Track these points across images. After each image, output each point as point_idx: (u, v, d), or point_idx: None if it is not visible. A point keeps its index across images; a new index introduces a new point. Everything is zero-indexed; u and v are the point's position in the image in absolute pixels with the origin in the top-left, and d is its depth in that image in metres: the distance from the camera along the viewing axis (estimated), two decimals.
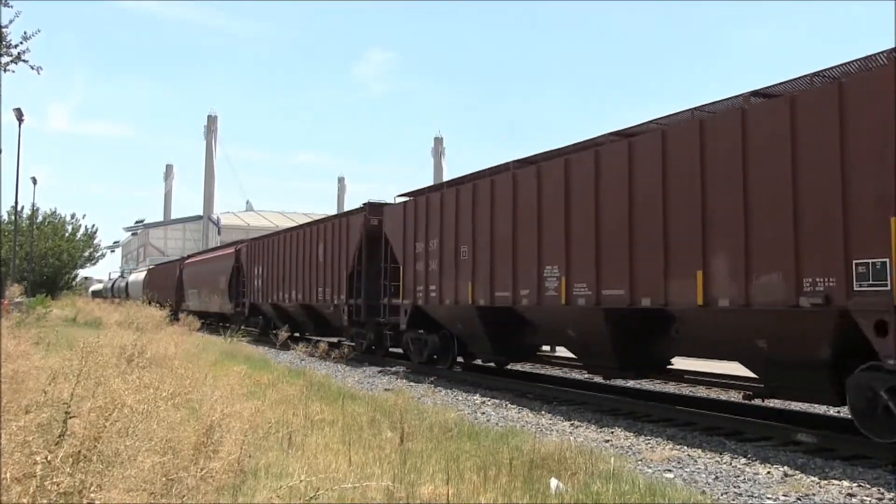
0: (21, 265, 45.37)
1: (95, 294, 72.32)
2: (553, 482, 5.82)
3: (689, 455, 7.88)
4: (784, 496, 6.22)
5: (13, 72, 11.94)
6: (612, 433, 9.15)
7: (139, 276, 52.63)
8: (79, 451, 4.11)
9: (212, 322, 32.44)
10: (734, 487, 6.51)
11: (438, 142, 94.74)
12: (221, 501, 4.70)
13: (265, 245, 26.19)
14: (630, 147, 9.91)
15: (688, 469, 7.21)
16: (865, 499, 6.21)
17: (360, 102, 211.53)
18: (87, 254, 61.89)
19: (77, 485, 3.82)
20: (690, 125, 9.07)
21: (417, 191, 16.40)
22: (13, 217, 42.63)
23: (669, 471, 7.10)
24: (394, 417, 8.23)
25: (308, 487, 4.61)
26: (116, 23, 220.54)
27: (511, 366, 15.96)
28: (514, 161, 12.73)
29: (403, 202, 16.31)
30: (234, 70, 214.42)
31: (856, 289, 7.13)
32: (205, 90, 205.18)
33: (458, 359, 15.73)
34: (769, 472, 7.08)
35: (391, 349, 18.43)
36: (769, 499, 6.16)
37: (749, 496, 6.24)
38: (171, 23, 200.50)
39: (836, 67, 7.91)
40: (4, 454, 3.98)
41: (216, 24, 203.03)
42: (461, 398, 12.13)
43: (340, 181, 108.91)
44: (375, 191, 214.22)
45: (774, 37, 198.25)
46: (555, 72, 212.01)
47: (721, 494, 6.28)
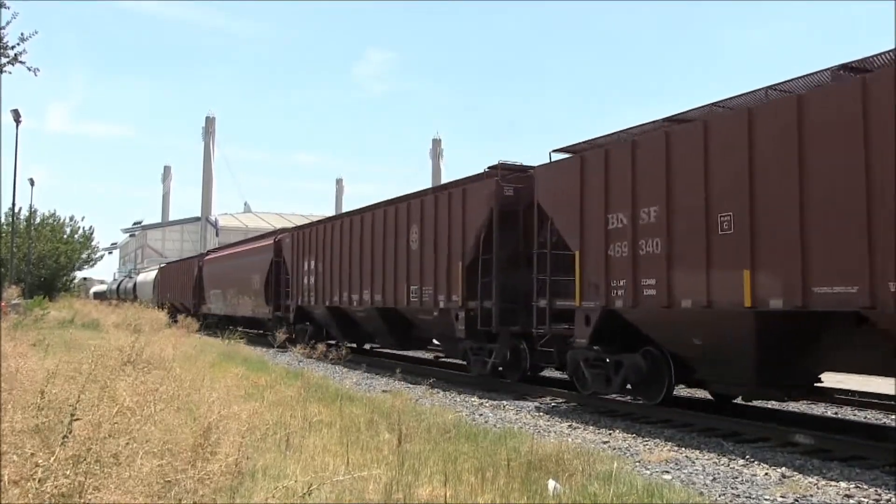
0: (19, 266, 45.31)
1: (98, 296, 68.36)
2: (551, 483, 5.83)
3: (688, 456, 7.88)
4: (782, 497, 6.23)
5: (10, 73, 11.96)
6: (611, 434, 9.16)
7: (149, 276, 48.44)
8: (77, 454, 4.11)
9: (243, 330, 27.62)
10: (732, 489, 6.52)
11: (436, 143, 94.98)
12: (219, 503, 4.69)
13: (322, 232, 20.55)
14: None
15: (686, 470, 7.22)
16: (863, 500, 6.22)
17: (359, 103, 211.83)
18: (85, 255, 61.82)
19: (76, 487, 3.82)
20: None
21: (604, 137, 10.99)
22: (11, 219, 42.56)
23: (667, 472, 7.11)
24: (392, 419, 8.22)
25: (305, 489, 4.60)
26: (115, 23, 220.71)
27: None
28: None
29: (580, 156, 11.08)
30: (233, 70, 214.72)
31: None
32: (203, 90, 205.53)
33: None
34: (767, 474, 7.09)
35: (537, 373, 13.57)
36: (767, 500, 6.17)
37: (747, 497, 6.24)
38: (170, 23, 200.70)
39: None
40: (2, 456, 3.98)
41: (215, 25, 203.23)
42: (459, 399, 12.13)
43: (338, 182, 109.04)
44: (375, 191, 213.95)
45: (774, 37, 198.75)
46: (554, 72, 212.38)
47: (719, 496, 6.28)
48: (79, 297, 62.55)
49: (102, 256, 72.06)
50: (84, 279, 78.47)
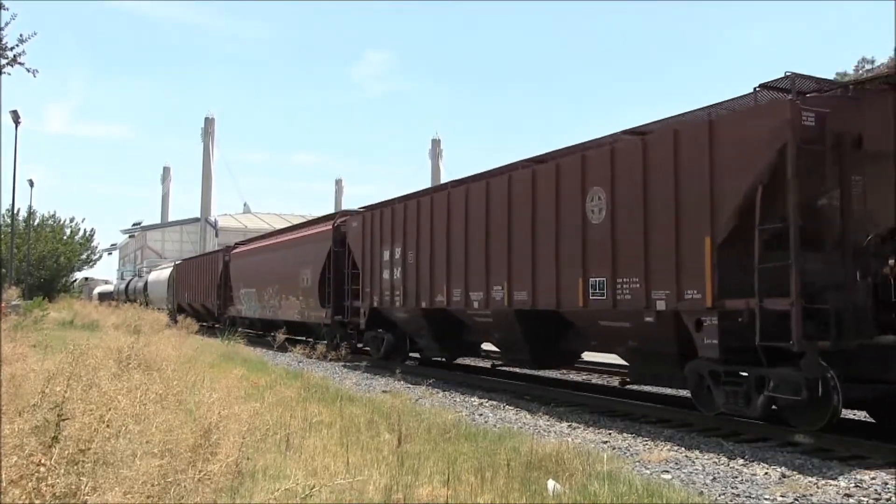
0: (19, 267, 45.32)
1: (104, 297, 61.90)
2: (550, 483, 5.83)
3: (687, 456, 7.88)
4: (782, 497, 6.23)
5: (9, 74, 11.98)
6: (610, 434, 9.16)
7: (162, 275, 43.38)
8: (75, 454, 4.11)
9: (293, 337, 21.67)
10: (732, 488, 6.52)
11: (436, 143, 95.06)
12: (219, 503, 4.70)
13: (411, 211, 15.39)
14: None
15: (685, 470, 7.22)
16: (863, 499, 6.22)
17: (358, 103, 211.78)
18: (85, 256, 61.88)
19: (73, 487, 3.82)
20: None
21: None
22: (10, 219, 42.58)
23: (667, 472, 7.11)
24: (392, 419, 8.23)
25: (305, 489, 4.61)
26: (114, 24, 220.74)
27: (510, 370, 15.90)
28: None
29: None
30: (232, 71, 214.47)
31: None
32: (202, 91, 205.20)
33: None
34: (767, 473, 7.09)
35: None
36: (767, 499, 6.17)
37: (747, 497, 6.24)
38: (169, 24, 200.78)
39: None
40: (2, 456, 3.98)
41: (214, 26, 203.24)
42: (459, 400, 12.13)
43: (338, 182, 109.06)
44: (375, 192, 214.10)
45: (774, 37, 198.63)
46: (553, 71, 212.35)
47: (719, 495, 6.28)
48: (79, 299, 62.54)
49: (101, 257, 72.14)
50: (86, 279, 78.01)
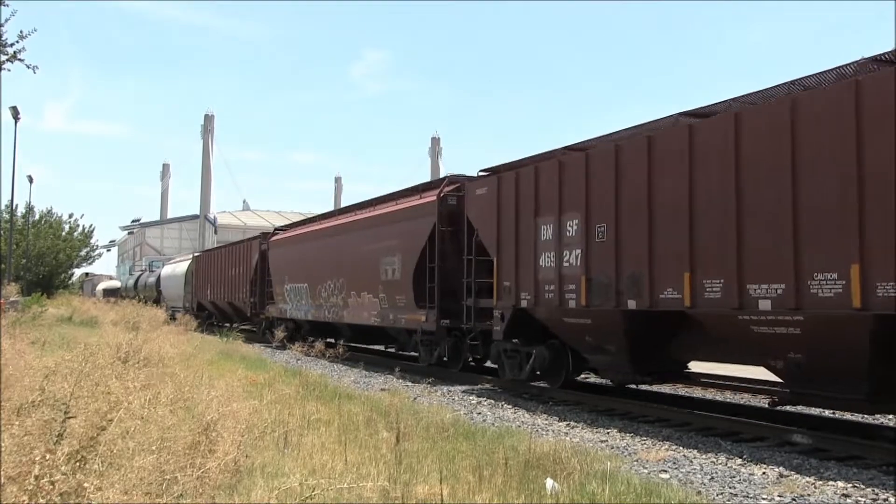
0: (18, 263, 45.27)
1: (110, 293, 55.87)
2: (548, 482, 5.84)
3: (685, 455, 7.89)
4: (779, 497, 6.24)
5: (9, 70, 11.98)
6: (608, 433, 9.17)
7: (178, 269, 38.57)
8: (77, 451, 4.11)
9: (363, 346, 18.68)
10: (730, 488, 6.53)
11: (435, 142, 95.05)
12: (218, 501, 4.70)
13: (601, 159, 10.20)
14: None
15: (683, 469, 7.23)
16: (860, 499, 6.24)
17: (357, 102, 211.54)
18: (84, 253, 61.77)
19: (75, 485, 3.82)
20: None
21: None
22: (9, 216, 42.50)
23: (665, 471, 7.12)
24: (390, 417, 8.24)
25: (304, 487, 4.61)
26: (113, 22, 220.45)
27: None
28: None
29: None
30: (231, 69, 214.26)
31: None
32: (201, 89, 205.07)
33: None
34: (765, 473, 7.10)
35: None
36: (764, 499, 6.18)
37: (744, 497, 6.25)
38: (168, 22, 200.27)
39: None
40: (2, 454, 3.98)
41: (213, 24, 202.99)
42: (457, 398, 12.14)
43: (337, 180, 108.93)
44: (374, 190, 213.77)
45: (774, 37, 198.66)
46: (553, 70, 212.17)
47: (717, 495, 6.30)
48: (79, 295, 62.38)
49: (101, 254, 71.98)
50: (86, 275, 77.53)
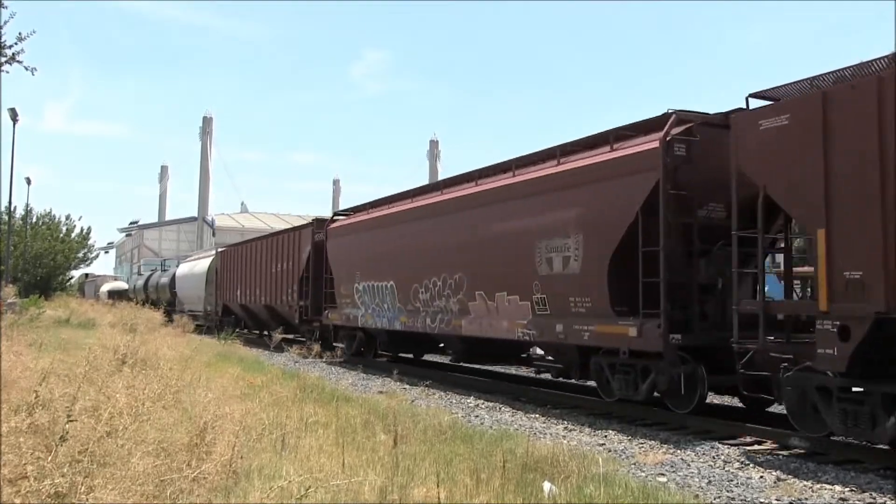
0: (16, 265, 45.20)
1: (115, 295, 50.72)
2: (546, 485, 5.83)
3: (683, 459, 7.88)
4: (777, 500, 6.24)
5: (7, 72, 11.97)
6: (606, 437, 9.16)
7: (197, 267, 33.28)
8: (71, 453, 4.10)
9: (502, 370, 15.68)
10: (727, 491, 6.52)
11: (434, 144, 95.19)
12: (214, 502, 4.69)
13: None
14: None
15: (681, 473, 7.22)
16: (857, 503, 6.23)
17: (356, 103, 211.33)
18: (82, 254, 61.69)
19: (69, 486, 3.81)
20: None
21: None
22: (6, 217, 42.44)
23: (662, 474, 7.11)
24: (388, 420, 8.23)
25: (300, 489, 4.60)
26: (113, 22, 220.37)
27: (505, 369, 15.90)
28: None
29: None
30: (231, 70, 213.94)
31: None
32: (201, 90, 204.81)
33: None
34: (762, 477, 7.10)
35: None
36: (762, 503, 6.17)
37: (742, 500, 6.25)
38: (168, 22, 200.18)
39: None
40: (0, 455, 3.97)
41: (212, 25, 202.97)
42: (455, 401, 12.12)
43: (335, 182, 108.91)
44: (373, 192, 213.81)
45: (774, 37, 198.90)
46: (553, 70, 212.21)
47: (714, 498, 6.29)
48: (76, 297, 62.23)
49: (98, 255, 71.83)
50: (86, 275, 77.25)
